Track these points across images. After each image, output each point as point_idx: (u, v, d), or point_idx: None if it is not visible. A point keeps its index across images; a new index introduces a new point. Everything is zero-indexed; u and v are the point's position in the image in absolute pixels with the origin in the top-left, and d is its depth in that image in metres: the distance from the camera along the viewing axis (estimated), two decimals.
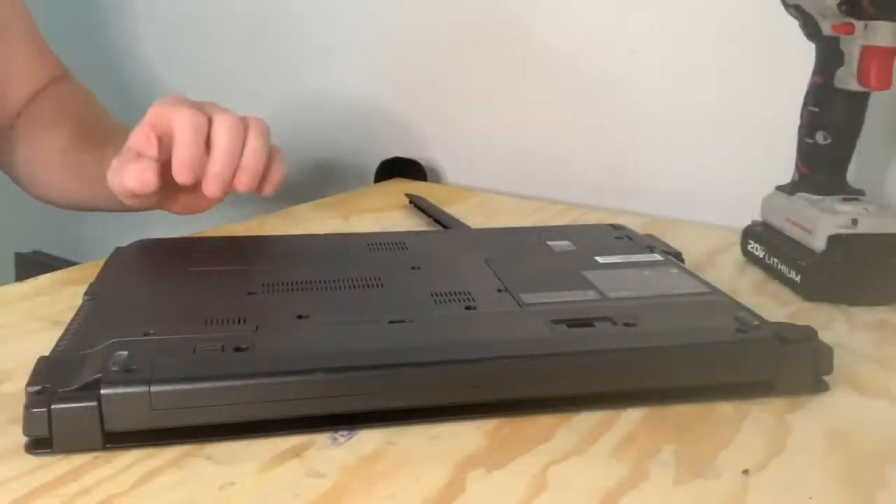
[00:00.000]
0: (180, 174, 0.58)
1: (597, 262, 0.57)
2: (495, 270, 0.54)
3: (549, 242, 0.61)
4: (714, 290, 0.52)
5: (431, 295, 0.50)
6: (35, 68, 0.81)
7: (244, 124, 0.60)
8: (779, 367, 0.45)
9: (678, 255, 0.60)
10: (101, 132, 0.75)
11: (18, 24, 0.79)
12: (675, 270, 0.56)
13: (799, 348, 0.45)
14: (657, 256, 0.59)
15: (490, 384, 0.42)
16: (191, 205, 0.66)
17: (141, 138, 0.60)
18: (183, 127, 0.58)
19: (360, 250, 0.60)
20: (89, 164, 0.70)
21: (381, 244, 0.61)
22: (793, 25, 0.64)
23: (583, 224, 0.73)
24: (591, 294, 0.51)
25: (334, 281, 0.52)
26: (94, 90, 0.84)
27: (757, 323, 0.46)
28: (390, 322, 0.46)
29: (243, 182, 0.60)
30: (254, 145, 0.60)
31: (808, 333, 0.46)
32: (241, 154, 0.60)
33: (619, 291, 0.51)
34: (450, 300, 0.49)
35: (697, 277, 0.55)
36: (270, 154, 0.62)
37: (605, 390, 0.44)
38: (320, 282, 0.52)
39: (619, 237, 0.64)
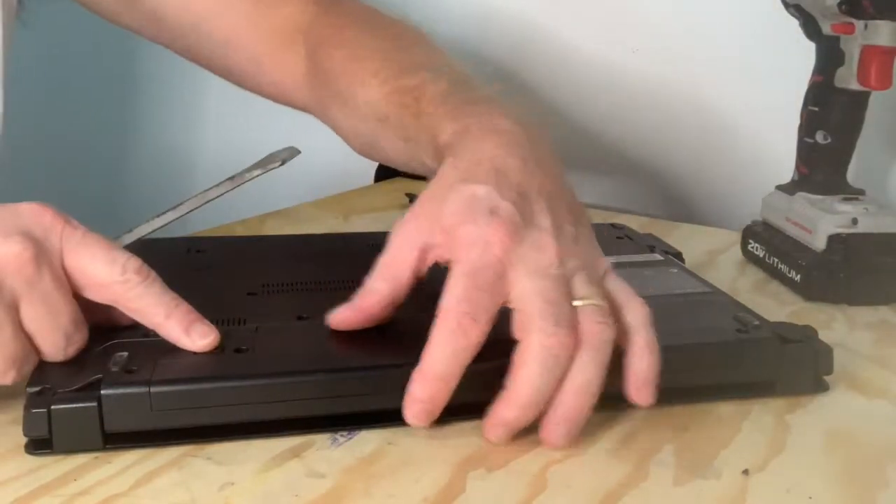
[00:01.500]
0: (411, 416, 0.40)
1: None
2: None
3: None
4: (714, 290, 0.52)
5: (432, 295, 0.50)
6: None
7: (573, 339, 0.39)
8: (779, 367, 0.45)
9: (678, 255, 0.60)
10: (413, 75, 0.52)
11: None
12: (675, 270, 0.56)
13: (799, 348, 0.45)
14: (657, 256, 0.59)
15: (490, 384, 0.42)
16: None
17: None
18: (439, 352, 0.39)
19: (360, 250, 0.60)
20: (410, 125, 0.51)
21: (381, 244, 0.61)
22: (793, 25, 0.64)
23: None
24: None
25: (334, 281, 0.52)
26: None
27: (757, 323, 0.46)
28: (390, 322, 0.46)
29: (550, 435, 0.40)
30: (579, 379, 0.39)
31: (808, 333, 0.46)
32: (560, 388, 0.39)
33: None
34: None
35: (698, 277, 0.55)
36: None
37: (605, 390, 0.44)
38: (320, 282, 0.52)
39: (620, 237, 0.64)
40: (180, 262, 0.56)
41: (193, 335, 0.42)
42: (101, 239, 0.42)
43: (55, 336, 0.40)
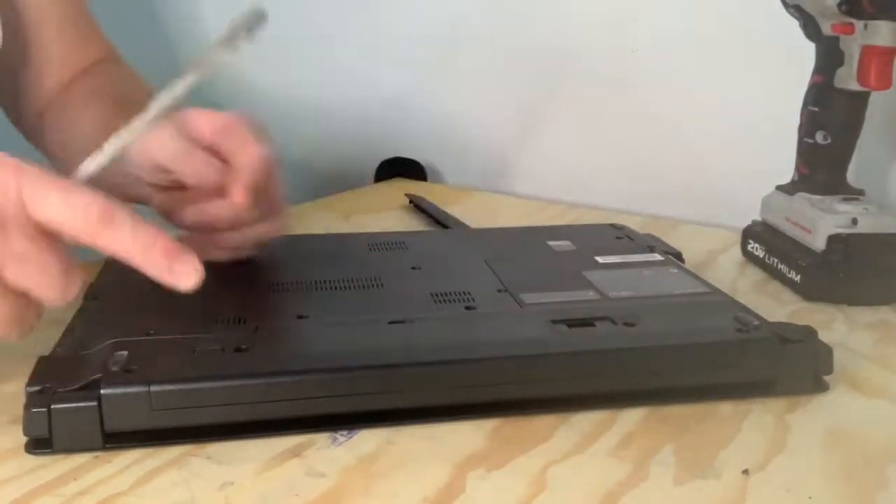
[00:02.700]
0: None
1: (597, 262, 0.57)
2: (495, 270, 0.54)
3: (549, 242, 0.61)
4: (714, 290, 0.52)
5: (431, 295, 0.50)
6: (72, 54, 0.74)
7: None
8: (779, 366, 0.45)
9: (678, 255, 0.60)
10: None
11: (57, 10, 0.73)
12: (675, 270, 0.56)
13: (799, 348, 0.45)
14: (657, 256, 0.59)
15: (490, 384, 0.42)
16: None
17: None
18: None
19: (360, 250, 0.60)
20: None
21: (381, 244, 0.61)
22: (793, 25, 0.64)
23: (583, 224, 0.73)
24: (591, 294, 0.51)
25: (334, 281, 0.52)
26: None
27: (757, 323, 0.46)
28: (390, 322, 0.46)
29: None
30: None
31: (808, 333, 0.46)
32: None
33: (619, 291, 0.51)
34: (450, 300, 0.49)
35: (697, 277, 0.55)
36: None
37: (605, 390, 0.44)
38: (320, 282, 0.52)
39: (619, 237, 0.64)
40: None
41: (176, 275, 0.40)
42: (57, 183, 0.39)
43: (49, 287, 0.39)
